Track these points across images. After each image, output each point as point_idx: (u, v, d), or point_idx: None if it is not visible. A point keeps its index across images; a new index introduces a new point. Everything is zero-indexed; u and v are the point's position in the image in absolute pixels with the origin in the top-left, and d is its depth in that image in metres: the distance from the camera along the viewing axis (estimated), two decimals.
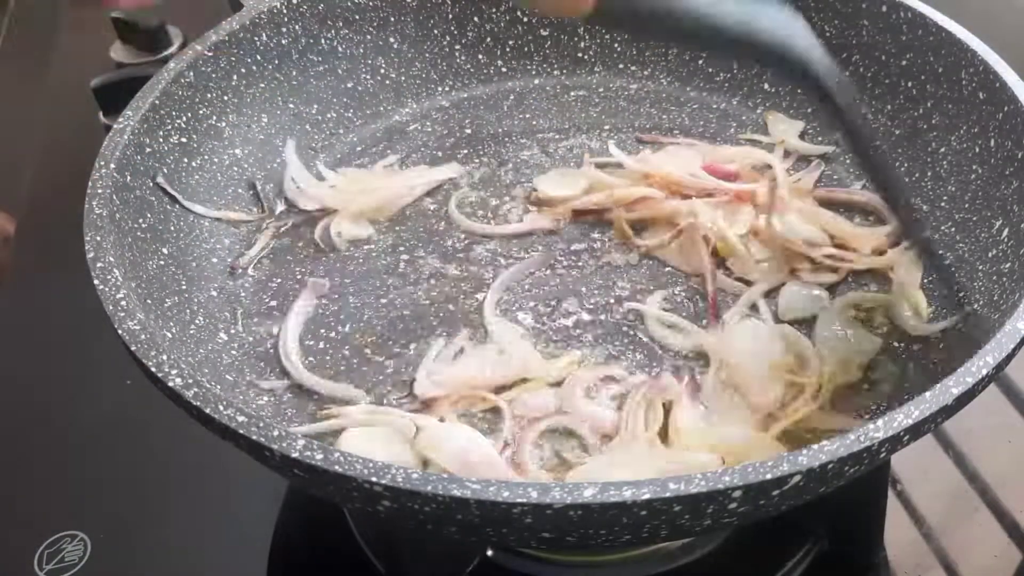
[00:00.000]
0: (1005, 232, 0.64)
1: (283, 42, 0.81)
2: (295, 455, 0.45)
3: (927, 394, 0.47)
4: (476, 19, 0.90)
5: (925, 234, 0.70)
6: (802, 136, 0.84)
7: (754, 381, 0.62)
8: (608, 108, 0.88)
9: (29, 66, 1.19)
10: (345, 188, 0.80)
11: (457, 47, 0.90)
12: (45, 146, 1.03)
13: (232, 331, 0.68)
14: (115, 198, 0.63)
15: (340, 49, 0.85)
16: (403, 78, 0.89)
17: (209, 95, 0.76)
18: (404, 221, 0.78)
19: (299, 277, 0.73)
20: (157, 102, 0.70)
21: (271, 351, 0.67)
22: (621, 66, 0.91)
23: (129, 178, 0.66)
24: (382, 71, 0.87)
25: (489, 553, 0.63)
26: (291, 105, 0.83)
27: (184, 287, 0.68)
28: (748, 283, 0.70)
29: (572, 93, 0.90)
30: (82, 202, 0.61)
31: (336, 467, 0.44)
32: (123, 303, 0.54)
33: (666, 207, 0.75)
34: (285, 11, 0.81)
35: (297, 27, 0.82)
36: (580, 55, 0.91)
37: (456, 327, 0.69)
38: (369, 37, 0.87)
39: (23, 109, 1.10)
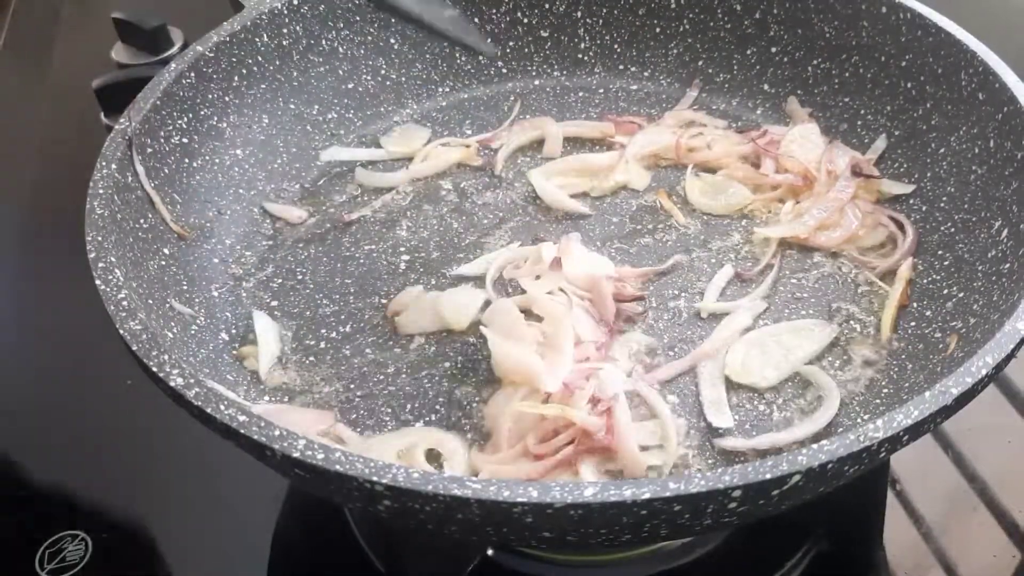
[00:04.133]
0: (1004, 232, 0.64)
1: (284, 43, 0.82)
2: (296, 455, 0.45)
3: (927, 394, 0.47)
4: (476, 20, 0.90)
5: None
6: None
7: None
8: (608, 109, 0.89)
9: (30, 66, 1.19)
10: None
11: (457, 48, 0.90)
12: (46, 146, 1.03)
13: (233, 331, 0.68)
14: (116, 198, 0.63)
15: (341, 50, 0.85)
16: (403, 79, 0.89)
17: (210, 96, 0.76)
18: (405, 224, 0.78)
19: (300, 278, 0.73)
20: (158, 103, 0.71)
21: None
22: (621, 67, 0.91)
23: (130, 178, 0.66)
24: (383, 72, 0.88)
25: (489, 553, 0.63)
26: (292, 106, 0.83)
27: (185, 287, 0.68)
28: None
29: (572, 94, 0.90)
30: (83, 202, 0.61)
31: (337, 467, 0.44)
32: (124, 303, 0.54)
33: None
34: (286, 12, 0.81)
35: (298, 28, 0.82)
36: (580, 56, 0.91)
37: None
38: (370, 38, 0.87)
39: (24, 109, 1.10)
